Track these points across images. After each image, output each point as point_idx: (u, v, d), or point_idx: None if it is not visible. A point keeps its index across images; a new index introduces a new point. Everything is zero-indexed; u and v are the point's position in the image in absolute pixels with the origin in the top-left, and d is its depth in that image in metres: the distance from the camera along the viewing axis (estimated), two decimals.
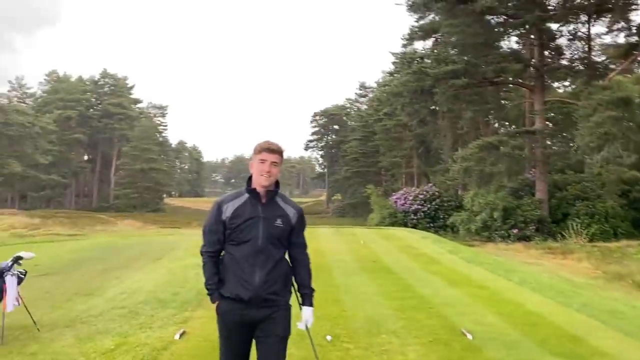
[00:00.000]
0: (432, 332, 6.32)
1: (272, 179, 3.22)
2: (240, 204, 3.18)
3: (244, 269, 3.09)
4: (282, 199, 3.32)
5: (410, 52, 41.56)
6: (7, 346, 5.91)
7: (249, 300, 3.08)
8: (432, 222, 36.07)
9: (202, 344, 5.73)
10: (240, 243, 3.13)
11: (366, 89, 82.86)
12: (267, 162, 3.21)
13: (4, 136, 66.25)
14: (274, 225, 3.18)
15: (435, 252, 14.67)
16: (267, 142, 3.27)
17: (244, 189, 3.25)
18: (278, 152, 3.27)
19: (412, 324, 6.70)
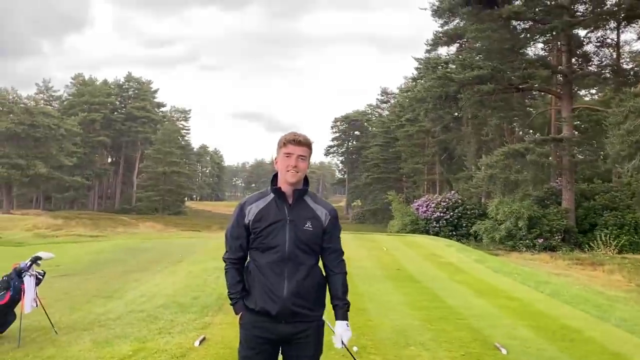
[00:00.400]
0: (463, 345, 5.99)
1: (299, 175, 2.83)
2: (265, 206, 2.84)
3: (270, 278, 2.74)
4: (312, 199, 2.94)
5: (435, 58, 41.11)
6: (24, 348, 5.76)
7: (277, 315, 2.72)
8: (455, 230, 35.51)
9: (223, 351, 5.50)
10: (266, 249, 2.78)
11: (388, 95, 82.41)
12: (294, 155, 2.82)
13: (30, 138, 67.34)
14: (303, 228, 2.81)
15: (460, 260, 14.27)
16: (293, 134, 2.88)
17: (269, 189, 2.91)
18: (306, 144, 2.87)
19: (441, 335, 6.38)
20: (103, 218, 56.56)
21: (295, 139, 2.85)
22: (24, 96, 71.53)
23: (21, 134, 65.66)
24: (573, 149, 31.03)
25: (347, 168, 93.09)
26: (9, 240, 36.95)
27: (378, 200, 66.39)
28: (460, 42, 40.01)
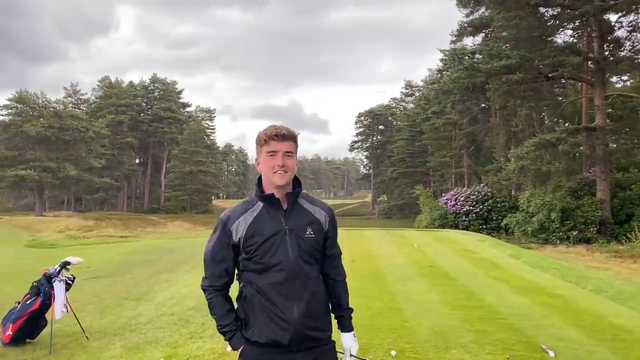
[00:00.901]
0: (507, 347, 5.69)
1: (289, 175, 2.40)
2: (255, 218, 2.39)
3: (277, 302, 2.32)
4: (306, 200, 2.53)
5: (460, 48, 40.36)
6: (55, 355, 5.69)
7: (289, 344, 2.31)
8: (485, 223, 34.84)
9: None
10: (265, 269, 2.34)
11: (412, 88, 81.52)
12: (279, 153, 2.38)
13: (60, 141, 68.65)
14: (305, 237, 2.41)
15: (495, 256, 13.85)
16: (274, 127, 2.43)
17: (254, 196, 2.47)
18: (291, 138, 2.42)
19: (483, 337, 6.07)
20: (132, 218, 57.35)
21: (278, 133, 2.39)
22: (52, 100, 72.89)
23: (51, 137, 66.96)
24: (607, 138, 30.07)
25: (372, 163, 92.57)
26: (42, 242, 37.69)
27: (405, 195, 65.77)
28: (487, 31, 39.15)
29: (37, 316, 6.16)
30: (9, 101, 68.85)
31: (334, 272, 2.62)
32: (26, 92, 69.12)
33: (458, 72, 32.41)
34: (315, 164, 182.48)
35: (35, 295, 6.15)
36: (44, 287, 6.09)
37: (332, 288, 2.61)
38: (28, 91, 69.53)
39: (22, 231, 45.66)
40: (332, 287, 2.61)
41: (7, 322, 6.12)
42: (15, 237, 41.53)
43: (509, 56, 28.99)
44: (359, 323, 6.53)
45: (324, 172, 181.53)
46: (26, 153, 66.89)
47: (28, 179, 63.76)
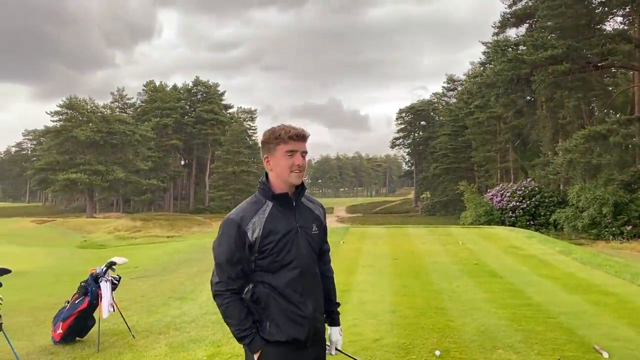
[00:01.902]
0: (557, 347, 5.45)
1: (303, 174, 2.44)
2: (268, 217, 2.36)
3: (294, 300, 2.34)
4: (306, 198, 2.57)
5: (504, 40, 39.33)
6: (102, 353, 5.81)
7: (306, 339, 2.35)
8: (533, 219, 33.89)
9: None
10: (280, 268, 2.34)
11: (454, 82, 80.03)
12: (298, 152, 2.39)
13: (108, 144, 70.92)
14: (312, 234, 2.46)
15: (543, 252, 13.40)
16: (292, 127, 2.41)
17: (261, 196, 2.43)
18: (306, 139, 2.46)
19: (531, 337, 5.85)
20: (178, 219, 58.70)
21: (299, 133, 2.39)
22: (100, 105, 75.34)
23: (100, 141, 69.25)
24: None
25: (414, 159, 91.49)
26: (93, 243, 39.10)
27: (448, 191, 64.74)
28: (530, 21, 38.07)
29: (85, 315, 6.32)
30: (60, 107, 71.60)
31: (325, 267, 2.66)
32: (76, 98, 71.70)
33: (501, 64, 31.61)
34: (356, 162, 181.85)
35: (83, 295, 6.31)
36: (91, 287, 6.25)
37: (324, 284, 2.59)
38: (77, 97, 72.11)
39: (75, 232, 47.50)
40: (325, 282, 2.60)
41: (58, 321, 6.31)
42: (68, 238, 43.26)
43: (554, 46, 28.08)
44: (402, 322, 6.46)
45: (365, 170, 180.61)
46: (77, 157, 69.41)
47: (79, 181, 66.20)
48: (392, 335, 5.96)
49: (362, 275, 10.16)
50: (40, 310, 9.51)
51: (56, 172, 67.44)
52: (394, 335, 5.96)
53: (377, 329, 6.25)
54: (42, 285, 14.50)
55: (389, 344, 5.65)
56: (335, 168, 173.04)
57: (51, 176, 68.19)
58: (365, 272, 10.55)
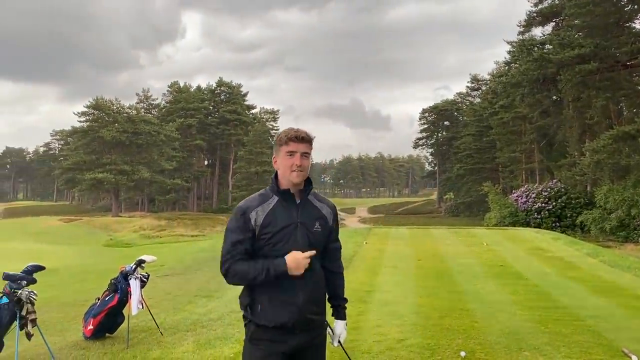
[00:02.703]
0: (584, 350, 5.40)
1: (304, 174, 2.62)
2: (271, 209, 2.58)
3: (284, 288, 2.52)
4: (315, 197, 2.74)
5: (529, 39, 38.76)
6: (132, 349, 5.93)
7: (293, 326, 2.52)
8: (558, 221, 33.35)
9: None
10: (277, 257, 2.51)
11: (479, 82, 79.12)
12: (297, 153, 2.60)
13: (134, 144, 71.94)
14: (313, 230, 2.62)
15: (570, 255, 13.21)
16: (294, 130, 2.66)
17: (269, 190, 2.67)
18: (308, 141, 2.66)
19: (558, 339, 5.80)
20: (202, 218, 59.30)
21: (298, 135, 2.62)
22: (126, 106, 76.45)
23: (125, 141, 70.27)
24: None
25: (437, 160, 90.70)
26: (119, 241, 39.77)
27: (472, 192, 64.04)
28: (557, 20, 37.45)
29: (115, 312, 6.46)
30: (87, 108, 72.90)
31: (335, 264, 2.83)
32: (102, 99, 72.88)
33: (527, 63, 31.17)
34: (379, 162, 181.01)
35: (113, 292, 6.46)
36: (121, 284, 6.39)
37: (332, 279, 2.80)
38: (104, 98, 73.29)
39: (101, 231, 48.36)
40: (332, 278, 2.81)
41: (89, 317, 6.46)
42: (95, 237, 44.09)
43: (582, 45, 27.59)
44: (426, 324, 6.45)
45: (388, 170, 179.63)
46: (103, 157, 70.53)
47: (105, 181, 67.28)
48: (417, 336, 5.97)
49: (386, 276, 10.16)
50: (70, 306, 9.75)
51: (83, 172, 68.65)
52: (418, 336, 5.97)
53: (402, 329, 6.26)
54: (71, 283, 14.85)
55: (414, 344, 5.66)
56: (357, 168, 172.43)
57: (78, 176, 69.43)
58: (389, 273, 10.55)
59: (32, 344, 6.00)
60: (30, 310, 5.53)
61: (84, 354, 5.90)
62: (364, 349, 5.55)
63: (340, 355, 5.22)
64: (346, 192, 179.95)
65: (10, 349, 5.63)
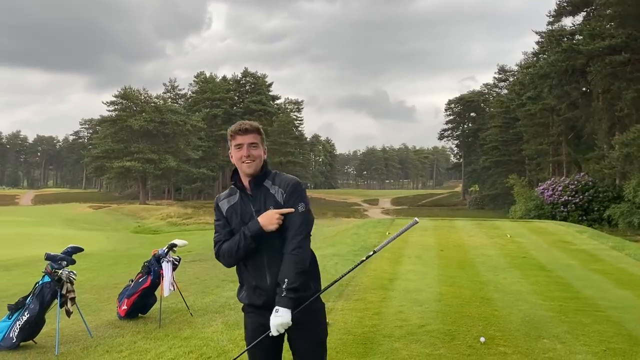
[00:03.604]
0: (603, 339, 5.49)
1: (256, 164, 2.73)
2: (235, 202, 2.80)
3: (253, 272, 2.73)
4: (272, 181, 2.78)
5: (558, 29, 38.04)
6: (164, 329, 6.23)
7: (263, 306, 2.68)
8: (585, 214, 32.87)
9: (345, 337, 5.55)
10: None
11: (506, 73, 77.95)
12: (244, 145, 2.74)
13: (161, 134, 73.06)
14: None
15: (595, 248, 13.14)
16: (239, 123, 2.83)
17: (233, 185, 2.86)
18: (253, 131, 2.78)
19: (578, 328, 5.90)
20: None
21: (242, 128, 2.77)
22: (153, 96, 77.55)
23: (153, 130, 71.41)
24: None
25: (462, 152, 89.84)
26: (147, 228, 40.60)
27: (498, 185, 63.36)
28: (588, 10, 36.64)
29: (148, 293, 6.77)
30: (115, 97, 74.22)
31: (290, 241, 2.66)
32: (130, 89, 74.10)
33: (555, 54, 30.67)
34: (403, 153, 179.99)
35: (146, 274, 6.76)
36: (154, 267, 6.69)
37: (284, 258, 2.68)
38: (132, 88, 74.48)
39: (128, 218, 49.43)
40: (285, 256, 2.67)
41: (123, 297, 6.79)
42: (123, 223, 45.09)
43: (613, 35, 27.03)
44: (447, 310, 6.61)
45: (412, 162, 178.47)
46: (131, 145, 71.83)
47: (133, 169, 68.58)
48: (438, 322, 6.13)
49: (408, 265, 10.31)
50: (103, 289, 10.14)
51: (111, 160, 70.07)
52: (439, 322, 6.13)
53: (423, 315, 6.42)
54: (103, 267, 15.35)
55: (435, 330, 5.82)
56: (381, 160, 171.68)
57: (107, 164, 70.89)
58: (412, 262, 10.69)
59: (70, 321, 6.35)
60: (69, 289, 5.87)
61: (118, 332, 6.22)
62: (385, 333, 5.74)
63: (354, 338, 5.46)
64: (369, 183, 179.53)
65: (51, 325, 5.97)
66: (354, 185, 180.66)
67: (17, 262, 15.15)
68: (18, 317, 5.67)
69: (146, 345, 5.60)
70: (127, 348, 5.52)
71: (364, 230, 17.34)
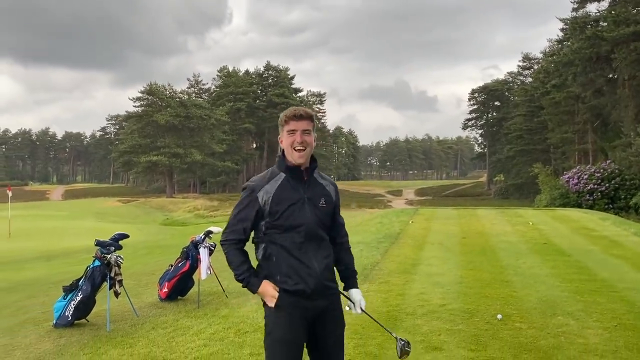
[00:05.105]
0: (615, 316, 5.82)
1: (308, 151, 2.74)
2: (279, 186, 2.72)
3: (300, 258, 2.67)
4: (319, 175, 2.89)
5: (582, 16, 37.52)
6: (203, 309, 6.75)
7: (312, 292, 2.66)
8: (612, 202, 32.53)
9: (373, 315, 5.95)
10: (287, 230, 2.68)
11: (530, 61, 76.94)
12: (298, 131, 2.73)
13: (186, 128, 74.24)
14: (319, 205, 2.77)
15: (617, 234, 13.29)
16: (293, 109, 2.82)
17: (276, 168, 2.81)
18: (307, 117, 2.78)
19: (591, 307, 6.23)
20: None
21: (296, 114, 2.77)
22: (178, 91, 78.71)
23: (178, 125, 72.61)
24: None
25: (487, 141, 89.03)
26: (175, 221, 41.61)
27: (523, 174, 62.82)
28: None
29: (186, 277, 7.30)
30: (141, 93, 75.56)
31: (342, 239, 2.97)
32: (156, 84, 75.31)
33: (579, 42, 30.36)
34: (426, 144, 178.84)
35: (185, 259, 7.29)
36: (192, 252, 7.22)
37: (340, 252, 2.93)
38: (157, 84, 75.70)
39: (157, 211, 50.63)
40: (341, 251, 2.93)
41: (163, 281, 7.33)
42: (152, 216, 46.24)
43: (638, 22, 26.66)
44: (468, 292, 7.00)
45: (436, 152, 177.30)
46: (157, 140, 73.20)
47: (159, 163, 69.95)
48: (458, 302, 6.52)
49: (431, 252, 10.67)
50: (141, 275, 10.73)
51: (139, 155, 71.52)
52: (459, 302, 6.52)
53: (444, 296, 6.81)
54: (137, 257, 16.01)
55: (455, 308, 6.21)
56: (405, 150, 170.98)
57: (134, 158, 72.39)
58: (434, 249, 11.05)
59: (117, 303, 6.89)
60: (117, 272, 6.41)
61: (161, 312, 6.75)
62: (408, 311, 6.15)
63: (379, 316, 5.88)
64: (393, 174, 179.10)
65: (99, 307, 6.54)
66: (377, 176, 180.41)
67: (56, 253, 15.95)
68: (72, 298, 6.23)
69: (188, 322, 6.12)
70: (170, 325, 6.04)
71: (388, 219, 17.69)
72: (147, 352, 5.09)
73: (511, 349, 4.81)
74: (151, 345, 5.28)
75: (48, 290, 9.31)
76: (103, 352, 5.16)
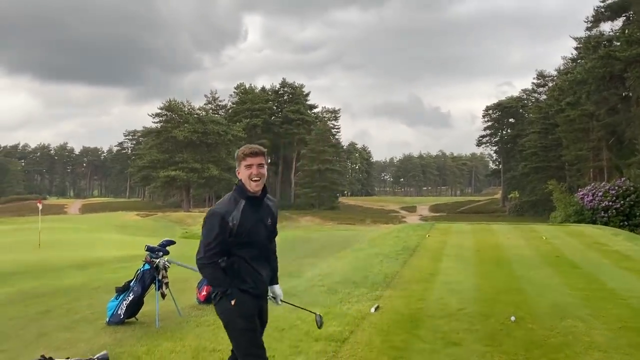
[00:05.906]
0: (621, 320, 6.33)
1: (262, 180, 3.39)
2: (242, 212, 3.32)
3: (256, 267, 3.38)
4: (267, 198, 3.57)
5: (596, 35, 38.04)
6: None
7: (261, 294, 3.50)
8: (627, 220, 32.63)
9: (394, 316, 6.55)
10: (246, 245, 3.33)
11: (545, 78, 77.33)
12: (254, 165, 3.35)
13: (204, 144, 75.49)
14: (267, 224, 3.50)
15: (628, 249, 13.69)
16: (247, 147, 3.44)
17: (237, 195, 3.40)
18: (261, 154, 3.41)
19: (599, 312, 6.74)
20: None
21: (252, 151, 3.39)
22: (196, 107, 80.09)
23: (196, 141, 73.87)
24: None
25: (501, 158, 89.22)
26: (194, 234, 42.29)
27: (537, 191, 62.91)
28: (627, 14, 36.51)
29: None
30: (160, 109, 77.09)
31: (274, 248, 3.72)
32: (175, 101, 76.82)
33: (592, 61, 30.83)
34: (440, 160, 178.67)
35: None
36: None
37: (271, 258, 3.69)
38: (176, 100, 77.22)
39: (175, 225, 51.51)
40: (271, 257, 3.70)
41: (202, 285, 7.98)
42: (170, 230, 47.03)
43: None
44: (483, 298, 7.59)
45: (450, 168, 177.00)
46: (175, 156, 74.43)
47: (177, 178, 71.11)
48: (474, 306, 7.08)
49: (447, 263, 11.20)
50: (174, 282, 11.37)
51: (157, 170, 72.77)
52: (475, 306, 7.08)
53: (461, 301, 7.38)
54: None
55: (472, 312, 6.78)
56: (418, 166, 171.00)
57: (153, 173, 73.67)
58: (450, 260, 11.57)
59: (161, 304, 7.55)
60: (164, 275, 7.10)
61: (202, 313, 7.39)
62: (429, 314, 6.73)
63: (402, 317, 6.44)
64: (406, 190, 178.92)
65: (148, 306, 7.19)
66: (390, 192, 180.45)
67: (90, 262, 16.66)
68: (124, 298, 6.91)
69: None
70: (212, 324, 6.65)
71: (405, 233, 18.19)
72: (197, 344, 5.72)
73: (523, 345, 5.39)
74: (199, 339, 5.91)
75: (90, 294, 9.98)
76: (158, 345, 5.80)
